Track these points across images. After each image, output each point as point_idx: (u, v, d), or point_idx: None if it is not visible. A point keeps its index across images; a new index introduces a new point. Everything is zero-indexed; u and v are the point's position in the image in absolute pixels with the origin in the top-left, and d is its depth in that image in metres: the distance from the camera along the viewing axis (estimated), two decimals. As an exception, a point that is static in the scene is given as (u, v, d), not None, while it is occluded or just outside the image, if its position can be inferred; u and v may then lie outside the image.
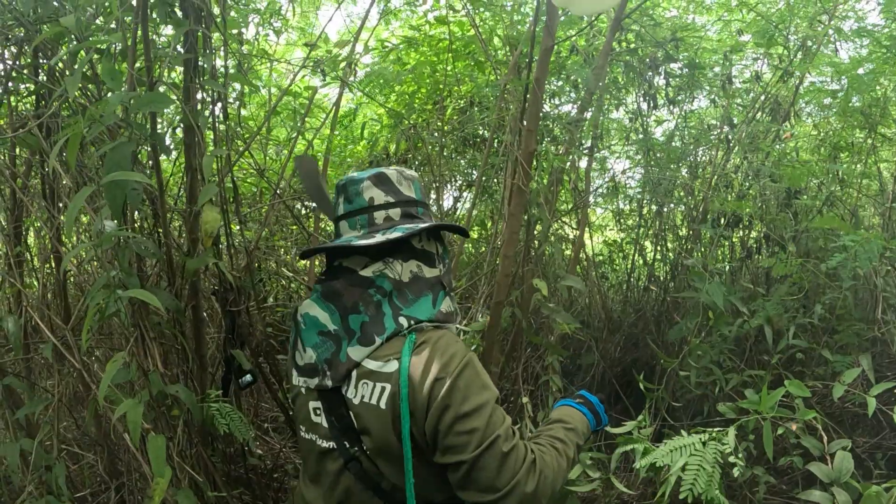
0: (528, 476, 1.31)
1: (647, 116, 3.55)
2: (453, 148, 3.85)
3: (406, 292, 1.43)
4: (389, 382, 1.33)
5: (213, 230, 1.87)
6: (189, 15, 2.06)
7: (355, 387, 1.38)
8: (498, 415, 1.34)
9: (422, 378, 1.31)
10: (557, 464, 1.42)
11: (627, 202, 4.12)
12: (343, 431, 1.39)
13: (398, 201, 1.48)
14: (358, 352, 1.38)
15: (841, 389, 2.28)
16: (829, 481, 2.08)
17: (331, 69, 2.71)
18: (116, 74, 1.97)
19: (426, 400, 1.30)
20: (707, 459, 1.91)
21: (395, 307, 1.41)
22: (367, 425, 1.36)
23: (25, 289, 2.38)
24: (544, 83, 2.55)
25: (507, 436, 1.32)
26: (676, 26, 3.34)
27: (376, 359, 1.37)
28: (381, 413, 1.34)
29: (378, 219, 1.46)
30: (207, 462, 2.18)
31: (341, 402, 1.40)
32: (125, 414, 1.74)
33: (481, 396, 1.32)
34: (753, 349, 2.93)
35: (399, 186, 1.49)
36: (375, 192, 1.47)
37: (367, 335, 1.38)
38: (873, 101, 3.36)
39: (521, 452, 1.33)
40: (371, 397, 1.35)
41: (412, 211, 1.49)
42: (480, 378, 1.35)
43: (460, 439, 1.29)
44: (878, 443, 2.83)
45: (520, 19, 3.48)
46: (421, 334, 1.39)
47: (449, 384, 1.29)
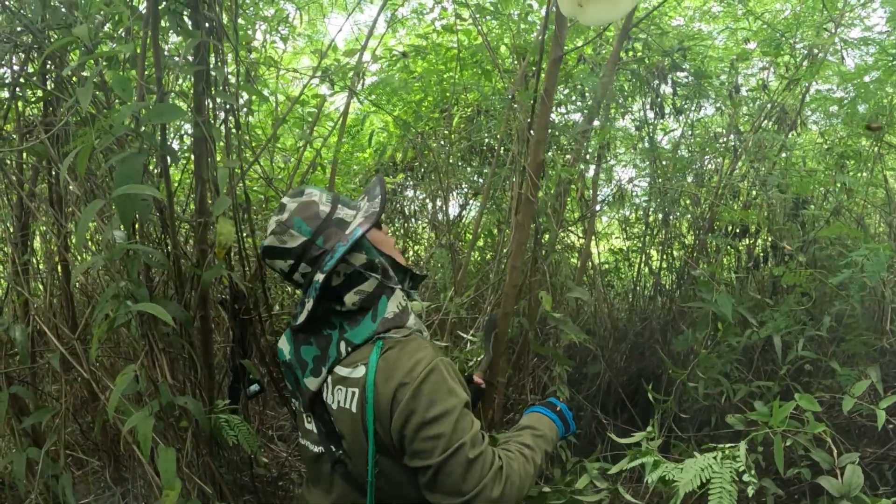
0: (495, 482, 1.35)
1: (653, 125, 3.54)
2: (460, 156, 3.84)
3: (356, 317, 1.48)
4: (358, 387, 1.39)
5: (227, 242, 1.86)
6: (200, 26, 2.06)
7: (332, 393, 1.45)
8: (465, 420, 1.37)
9: (386, 383, 1.35)
10: (524, 470, 1.45)
11: (633, 210, 4.11)
12: (328, 436, 1.47)
13: (295, 262, 1.50)
14: (312, 382, 1.49)
15: (851, 402, 2.27)
16: (839, 495, 2.07)
17: (339, 78, 2.70)
18: (127, 84, 1.96)
19: (389, 404, 1.35)
20: (726, 479, 1.92)
21: (342, 331, 1.48)
22: (343, 429, 1.44)
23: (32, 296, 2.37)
24: (553, 94, 2.54)
25: (473, 442, 1.35)
26: (683, 35, 3.34)
27: (347, 365, 1.43)
28: (352, 416, 1.41)
29: (306, 283, 1.51)
30: (215, 472, 2.17)
31: (324, 409, 1.48)
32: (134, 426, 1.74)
33: (447, 402, 1.35)
34: (760, 360, 2.92)
35: (285, 244, 1.49)
36: (280, 264, 1.52)
37: (316, 368, 1.48)
38: (879, 109, 3.36)
39: (489, 458, 1.37)
40: (344, 402, 1.42)
41: (313, 255, 1.48)
42: (447, 383, 1.37)
43: (426, 444, 1.32)
44: (885, 454, 2.81)
45: (526, 28, 3.48)
46: (389, 339, 1.43)
47: (413, 389, 1.33)
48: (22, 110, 2.59)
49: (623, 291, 4.37)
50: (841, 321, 2.73)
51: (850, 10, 3.43)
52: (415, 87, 3.46)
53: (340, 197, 1.59)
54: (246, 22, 2.94)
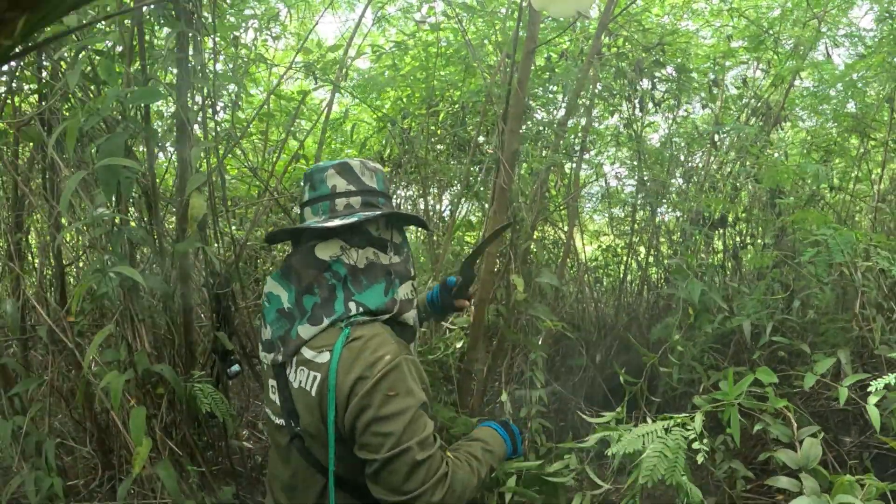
0: (437, 487, 1.42)
1: (638, 122, 3.70)
2: (448, 153, 4.02)
3: (361, 278, 1.54)
4: (320, 372, 1.45)
5: (198, 215, 2.04)
6: (181, 17, 2.26)
7: (294, 372, 1.51)
8: (419, 422, 1.43)
9: (346, 374, 1.42)
10: (468, 480, 1.53)
11: (621, 207, 4.25)
12: (288, 412, 1.53)
13: (359, 190, 1.58)
14: (306, 330, 1.51)
15: (812, 379, 2.38)
16: (796, 468, 2.17)
17: (322, 73, 2.89)
18: (114, 72, 2.17)
19: (346, 395, 1.41)
20: (669, 446, 2.02)
21: (347, 292, 1.52)
22: (300, 409, 1.50)
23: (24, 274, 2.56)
24: (526, 85, 2.71)
25: (423, 445, 1.42)
26: (665, 31, 3.50)
27: (312, 348, 1.49)
28: (311, 399, 1.47)
29: (339, 206, 1.57)
30: (190, 441, 2.34)
31: (286, 383, 1.54)
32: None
33: (403, 402, 1.41)
34: (736, 347, 3.05)
35: (361, 176, 1.60)
36: (338, 180, 1.58)
37: (315, 316, 1.50)
38: (865, 106, 3.49)
39: (436, 464, 1.44)
40: (305, 383, 1.48)
41: (372, 200, 1.59)
42: (406, 383, 1.44)
43: (375, 440, 1.40)
44: (864, 442, 2.91)
45: (511, 25, 3.66)
46: (357, 329, 1.48)
47: (371, 384, 1.40)
48: (18, 104, 2.81)
49: (611, 287, 4.51)
50: (816, 309, 2.85)
51: (836, 6, 3.58)
52: (401, 84, 3.64)
53: None
54: (237, 19, 3.15)
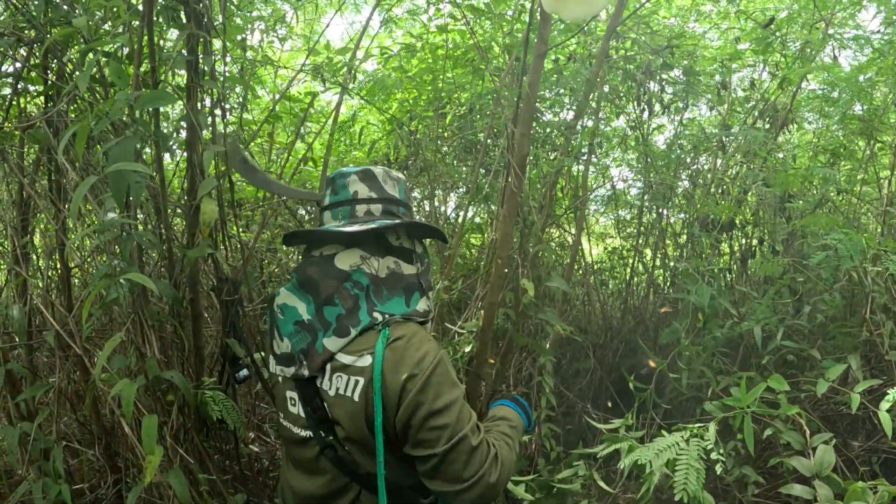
0: (492, 468, 1.45)
1: (646, 124, 3.68)
2: (454, 155, 4.00)
3: (382, 288, 1.53)
4: (363, 376, 1.43)
5: (210, 221, 2.02)
6: (191, 19, 2.23)
7: (329, 379, 1.48)
8: (465, 411, 1.46)
9: (395, 374, 1.41)
10: (510, 456, 1.57)
11: (628, 209, 4.24)
12: (318, 421, 1.50)
13: (380, 198, 1.57)
14: (333, 343, 1.48)
15: (825, 385, 2.37)
16: (809, 475, 2.16)
17: (331, 75, 2.87)
18: (123, 74, 2.14)
19: (398, 395, 1.40)
20: (692, 456, 2.02)
21: (370, 303, 1.51)
22: (341, 416, 1.47)
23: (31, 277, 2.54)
24: (537, 88, 2.69)
25: (474, 430, 1.45)
26: (673, 34, 3.48)
27: (350, 353, 1.47)
28: (354, 405, 1.44)
29: (359, 212, 1.56)
30: (200, 448, 2.31)
31: (315, 393, 1.51)
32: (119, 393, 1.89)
33: (452, 394, 1.43)
34: (746, 352, 3.03)
35: (384, 184, 1.59)
36: (360, 186, 1.57)
37: (342, 327, 1.48)
38: (872, 108, 3.47)
39: (486, 447, 1.46)
40: (345, 390, 1.46)
41: (393, 209, 1.59)
42: (450, 376, 1.46)
43: (432, 434, 1.40)
44: (873, 446, 2.90)
45: (520, 27, 3.64)
46: (395, 329, 1.48)
47: (422, 382, 1.40)
48: (24, 105, 2.78)
49: (617, 290, 4.49)
50: (825, 314, 2.84)
51: (842, 10, 3.56)
52: (408, 86, 3.62)
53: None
54: (244, 21, 3.12)
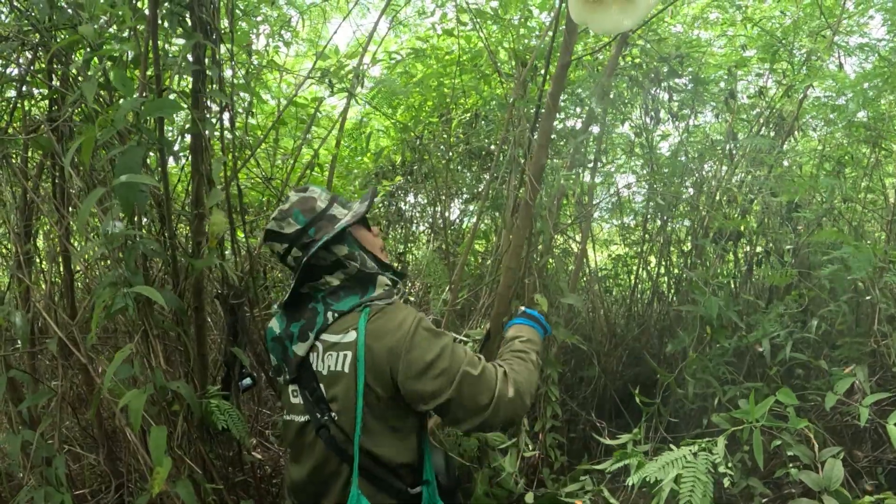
0: (506, 385, 1.59)
1: (652, 131, 3.66)
2: (458, 161, 3.98)
3: (339, 293, 1.69)
4: (350, 350, 1.59)
5: (220, 232, 2.00)
6: (197, 28, 2.21)
7: (322, 360, 1.64)
8: (458, 351, 1.59)
9: (380, 342, 1.57)
10: (525, 368, 1.70)
11: (633, 216, 4.22)
12: (315, 403, 1.64)
13: (289, 246, 1.72)
14: (299, 348, 1.67)
15: (833, 399, 2.36)
16: (818, 489, 2.15)
17: (338, 80, 2.85)
18: (128, 82, 2.12)
19: (387, 362, 1.55)
20: (700, 470, 2.02)
21: (327, 304, 1.68)
22: (335, 392, 1.61)
23: (34, 285, 2.51)
24: (559, 99, 2.65)
25: (472, 363, 1.58)
26: (681, 42, 3.47)
27: (336, 332, 1.63)
28: (346, 377, 1.59)
29: (291, 262, 1.75)
30: (205, 457, 2.29)
31: (312, 377, 1.66)
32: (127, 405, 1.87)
33: (439, 342, 1.57)
34: (752, 363, 3.02)
35: (282, 230, 1.72)
36: (276, 246, 1.75)
37: (303, 333, 1.67)
38: (878, 115, 3.46)
39: (491, 371, 1.60)
40: (336, 365, 1.61)
41: (304, 241, 1.71)
42: (432, 329, 1.61)
43: (436, 383, 1.54)
44: (878, 457, 2.89)
45: (525, 33, 3.62)
46: (374, 308, 1.64)
47: (408, 342, 1.55)
48: (28, 109, 2.75)
49: (621, 297, 4.48)
50: (833, 324, 2.82)
51: (849, 17, 3.55)
52: (414, 92, 3.61)
53: (338, 197, 1.81)
54: (249, 26, 3.10)
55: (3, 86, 2.67)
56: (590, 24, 2.14)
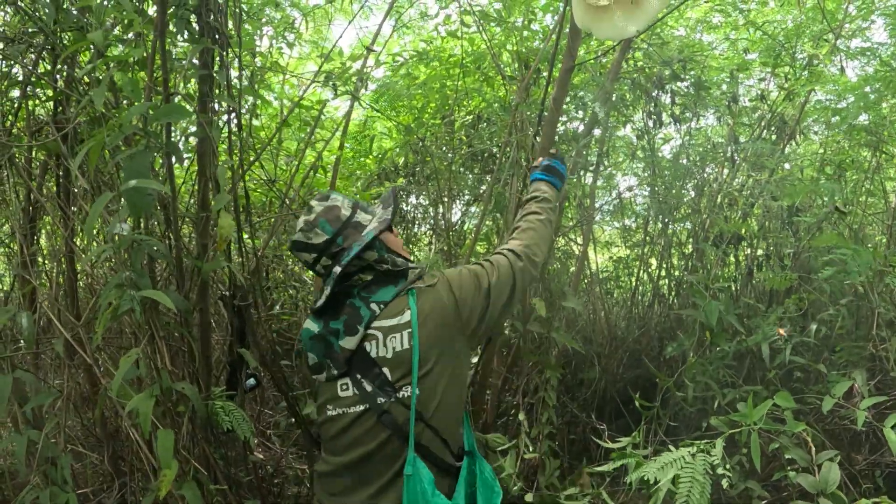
0: (514, 260, 1.89)
1: (653, 134, 3.68)
2: (461, 163, 3.99)
3: (371, 287, 1.83)
4: (409, 328, 1.76)
5: (227, 235, 2.03)
6: (205, 33, 2.23)
7: (385, 344, 1.77)
8: (483, 272, 1.86)
9: (435, 311, 1.78)
10: (534, 230, 2.01)
11: (634, 219, 4.24)
12: (379, 387, 1.75)
13: (318, 255, 1.84)
14: (349, 342, 1.77)
15: (831, 402, 2.38)
16: (814, 492, 2.18)
17: (342, 82, 2.87)
18: (136, 86, 2.14)
19: (457, 309, 1.80)
20: (698, 471, 2.05)
21: (364, 298, 1.81)
22: (404, 370, 1.74)
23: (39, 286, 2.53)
24: (562, 102, 2.67)
25: (491, 271, 1.86)
26: (684, 45, 3.48)
27: (390, 317, 1.78)
28: (411, 352, 1.74)
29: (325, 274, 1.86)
30: (210, 458, 2.32)
31: (371, 365, 1.77)
32: (134, 408, 1.89)
33: (476, 275, 1.85)
34: (752, 366, 3.04)
35: (310, 241, 1.84)
36: (305, 256, 1.88)
37: (350, 328, 1.77)
38: (879, 119, 3.48)
39: (499, 261, 1.89)
40: (402, 344, 1.76)
41: (333, 251, 1.83)
42: (462, 269, 1.89)
43: (490, 299, 1.83)
44: (876, 461, 2.91)
45: (529, 35, 3.64)
46: (418, 289, 1.83)
47: (458, 293, 1.81)
48: (32, 109, 2.77)
49: (622, 299, 4.50)
50: (832, 328, 2.85)
51: (851, 21, 3.57)
52: (417, 95, 3.62)
53: (360, 203, 1.94)
54: (252, 28, 3.11)
55: (8, 86, 2.69)
56: (593, 29, 2.16)
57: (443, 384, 1.77)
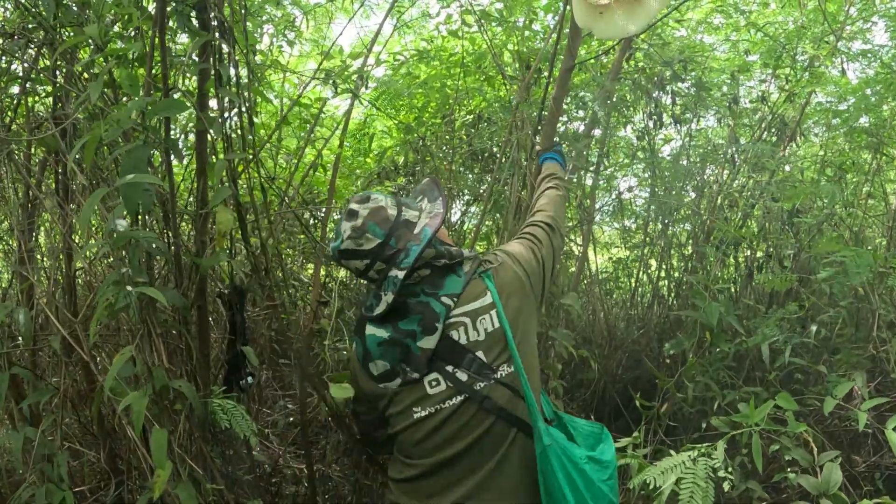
0: (550, 233, 2.01)
1: (654, 135, 3.66)
2: (461, 162, 3.97)
3: (434, 281, 1.77)
4: (495, 307, 1.75)
5: (226, 230, 2.00)
6: (207, 26, 2.20)
7: (475, 328, 1.75)
8: (533, 246, 1.95)
9: (504, 290, 1.79)
10: (557, 205, 2.16)
11: (634, 220, 4.22)
12: (477, 373, 1.71)
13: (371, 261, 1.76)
14: (428, 341, 1.72)
15: (832, 404, 2.36)
16: (817, 493, 2.15)
17: (342, 80, 2.84)
18: (135, 81, 2.12)
19: (530, 278, 1.86)
20: (699, 476, 2.02)
21: (435, 295, 1.75)
22: (499, 348, 1.74)
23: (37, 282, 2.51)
24: (562, 102, 2.65)
25: (538, 244, 1.95)
26: (685, 46, 3.46)
27: (472, 301, 1.76)
28: (500, 330, 1.74)
29: (380, 278, 1.78)
30: (207, 457, 2.29)
31: (462, 352, 1.73)
32: (129, 406, 1.86)
33: (529, 249, 1.93)
34: (752, 367, 3.02)
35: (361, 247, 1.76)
36: (356, 263, 1.79)
37: (427, 327, 1.71)
38: (880, 121, 3.46)
39: (539, 234, 1.99)
40: (491, 325, 1.74)
41: (387, 254, 1.75)
42: (518, 246, 1.95)
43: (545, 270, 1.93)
44: (876, 462, 2.89)
45: (530, 35, 3.62)
46: (490, 270, 1.83)
47: (526, 266, 1.87)
48: (31, 105, 2.75)
49: (621, 300, 4.47)
50: (833, 330, 2.82)
51: (852, 24, 3.55)
52: (418, 94, 3.60)
53: (402, 199, 1.88)
54: (253, 25, 3.09)
55: (7, 82, 2.66)
56: (594, 29, 2.13)
57: (531, 356, 1.79)
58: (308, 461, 2.96)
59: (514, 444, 1.73)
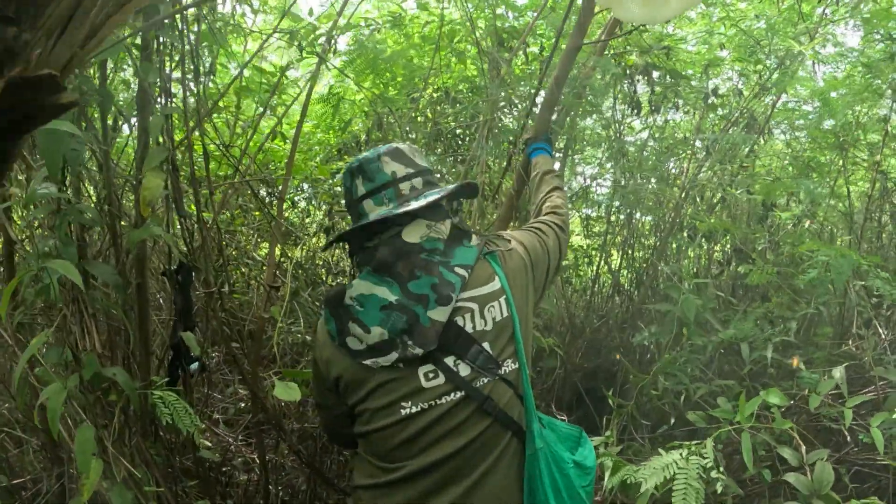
0: (559, 232, 1.78)
1: (627, 123, 3.40)
2: (423, 142, 3.62)
3: (449, 248, 1.50)
4: (503, 294, 1.50)
5: (152, 197, 1.61)
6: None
7: (482, 316, 1.46)
8: (542, 236, 1.73)
9: (519, 274, 1.56)
10: (560, 195, 1.98)
11: (596, 208, 3.96)
12: (482, 367, 1.43)
13: (416, 171, 1.52)
14: (441, 312, 1.41)
15: (817, 400, 2.16)
16: (808, 493, 1.94)
17: (307, 43, 2.47)
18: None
19: (535, 268, 1.63)
20: (692, 476, 1.81)
21: (447, 265, 1.46)
22: (504, 340, 1.48)
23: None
24: (564, 82, 2.33)
25: (545, 238, 1.72)
26: (661, 36, 3.21)
27: (481, 285, 1.48)
28: (508, 318, 1.49)
29: (404, 189, 1.49)
30: (146, 454, 1.91)
31: (468, 342, 1.44)
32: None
33: (538, 238, 1.71)
34: (722, 359, 2.79)
35: (414, 158, 1.54)
36: (396, 166, 1.50)
37: (442, 296, 1.41)
38: (846, 124, 3.27)
39: (547, 230, 1.76)
40: (500, 313, 1.48)
41: (430, 178, 1.55)
42: (527, 232, 1.73)
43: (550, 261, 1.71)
44: (842, 458, 2.71)
45: (501, 14, 3.29)
46: (498, 253, 1.58)
47: (533, 255, 1.63)
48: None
49: (581, 289, 4.22)
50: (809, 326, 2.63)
51: (824, 26, 3.33)
52: (381, 67, 3.21)
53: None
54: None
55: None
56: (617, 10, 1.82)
57: (528, 352, 1.54)
58: (260, 451, 2.60)
59: (507, 448, 1.47)
